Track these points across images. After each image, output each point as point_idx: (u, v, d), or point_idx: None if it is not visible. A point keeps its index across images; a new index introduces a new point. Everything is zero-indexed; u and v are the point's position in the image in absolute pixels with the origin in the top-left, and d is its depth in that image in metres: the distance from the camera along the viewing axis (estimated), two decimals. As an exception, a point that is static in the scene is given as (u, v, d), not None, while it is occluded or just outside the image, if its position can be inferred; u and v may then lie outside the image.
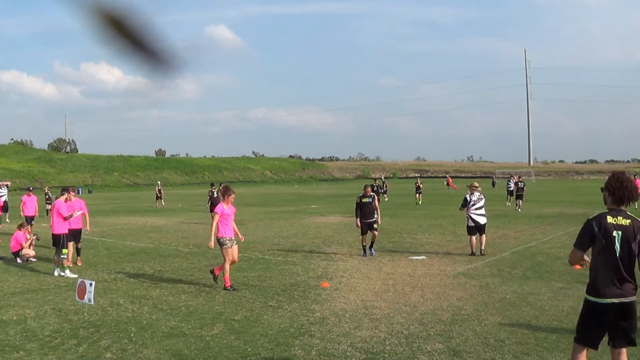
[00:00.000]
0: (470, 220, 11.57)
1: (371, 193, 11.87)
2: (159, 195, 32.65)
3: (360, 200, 11.77)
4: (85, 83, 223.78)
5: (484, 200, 11.74)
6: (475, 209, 11.54)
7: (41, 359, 5.41)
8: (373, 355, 5.44)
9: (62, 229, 10.17)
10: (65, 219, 10.26)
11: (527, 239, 14.44)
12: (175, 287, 8.84)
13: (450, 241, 14.33)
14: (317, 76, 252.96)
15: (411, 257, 11.66)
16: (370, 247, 11.89)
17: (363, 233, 11.72)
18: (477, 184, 12.14)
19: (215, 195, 18.17)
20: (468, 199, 11.69)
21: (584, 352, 4.08)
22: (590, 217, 4.10)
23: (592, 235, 4.00)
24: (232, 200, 8.91)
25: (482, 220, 11.55)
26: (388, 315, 6.98)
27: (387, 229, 17.54)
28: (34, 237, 11.96)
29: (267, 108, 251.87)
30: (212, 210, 13.98)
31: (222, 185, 10.32)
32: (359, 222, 11.72)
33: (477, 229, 11.55)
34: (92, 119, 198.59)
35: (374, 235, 11.77)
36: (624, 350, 4.05)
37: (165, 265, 11.15)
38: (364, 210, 11.68)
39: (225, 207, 8.75)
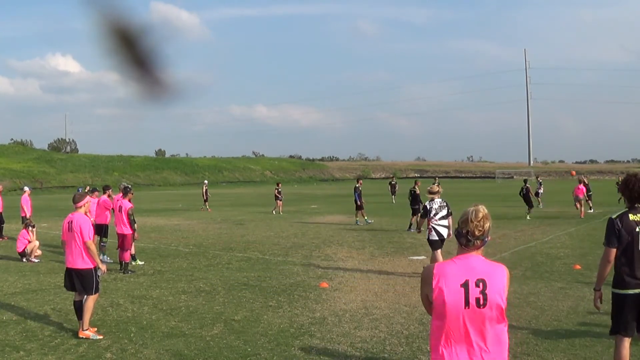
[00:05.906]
0: (433, 233, 9.20)
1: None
2: (205, 197, 27.32)
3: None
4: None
5: (447, 209, 9.28)
6: (439, 219, 9.24)
7: (41, 359, 5.42)
8: (373, 355, 5.45)
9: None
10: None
11: (527, 239, 14.43)
12: (175, 287, 8.85)
13: (450, 241, 14.31)
14: (318, 76, 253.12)
15: (411, 257, 11.66)
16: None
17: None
18: (436, 188, 9.62)
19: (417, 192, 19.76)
20: (428, 207, 9.39)
21: (626, 343, 4.34)
22: (612, 216, 4.40)
23: (617, 232, 4.28)
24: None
25: (445, 232, 9.29)
26: (388, 315, 6.99)
27: (387, 228, 17.57)
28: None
29: (266, 108, 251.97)
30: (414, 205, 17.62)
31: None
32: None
33: (442, 242, 9.34)
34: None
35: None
36: None
37: (165, 265, 11.15)
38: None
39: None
